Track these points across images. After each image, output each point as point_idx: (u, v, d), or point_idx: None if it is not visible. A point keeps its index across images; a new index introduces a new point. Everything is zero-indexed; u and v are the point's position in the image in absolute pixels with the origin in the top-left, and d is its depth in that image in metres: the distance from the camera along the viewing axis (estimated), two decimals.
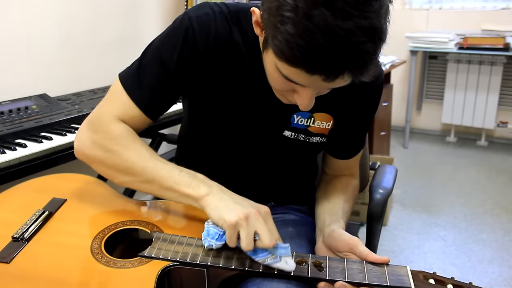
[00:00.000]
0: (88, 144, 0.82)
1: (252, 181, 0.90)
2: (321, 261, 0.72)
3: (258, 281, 0.72)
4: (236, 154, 0.90)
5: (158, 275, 0.69)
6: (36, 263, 0.71)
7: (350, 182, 0.97)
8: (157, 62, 0.81)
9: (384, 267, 0.71)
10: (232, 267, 0.70)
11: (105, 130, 0.81)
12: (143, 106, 0.82)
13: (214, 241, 0.71)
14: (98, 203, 0.87)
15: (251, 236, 0.68)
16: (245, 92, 0.83)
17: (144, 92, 0.82)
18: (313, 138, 0.88)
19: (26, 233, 0.77)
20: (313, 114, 0.85)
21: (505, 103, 3.33)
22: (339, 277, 0.69)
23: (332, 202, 0.90)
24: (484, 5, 3.31)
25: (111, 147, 0.79)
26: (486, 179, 2.82)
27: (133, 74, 0.84)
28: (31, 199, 0.87)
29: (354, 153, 0.97)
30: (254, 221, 0.69)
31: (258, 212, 0.70)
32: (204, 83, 0.83)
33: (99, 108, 0.85)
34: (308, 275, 0.70)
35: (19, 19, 1.51)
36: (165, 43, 0.81)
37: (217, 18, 0.80)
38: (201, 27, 0.79)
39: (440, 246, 2.08)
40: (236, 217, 0.68)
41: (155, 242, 0.75)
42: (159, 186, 0.76)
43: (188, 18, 0.80)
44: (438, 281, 0.69)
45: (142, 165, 0.77)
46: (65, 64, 1.69)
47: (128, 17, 1.94)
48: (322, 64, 0.57)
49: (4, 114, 1.33)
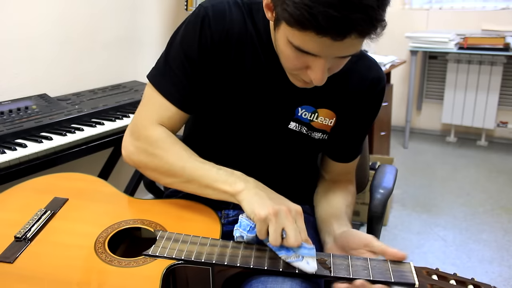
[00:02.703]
0: (133, 151, 0.86)
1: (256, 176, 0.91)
2: (325, 259, 0.73)
3: (263, 279, 0.73)
4: (241, 147, 0.91)
5: (163, 273, 0.69)
6: (40, 262, 0.71)
7: (348, 187, 0.98)
8: (181, 55, 0.83)
9: (388, 263, 0.71)
10: (238, 265, 0.71)
11: (145, 136, 0.84)
12: (177, 101, 0.85)
13: (245, 232, 0.73)
14: (100, 202, 0.87)
15: (279, 232, 0.70)
16: (255, 82, 0.85)
17: (175, 87, 0.84)
18: (315, 133, 0.89)
19: (28, 232, 0.77)
20: (317, 109, 0.87)
21: (505, 103, 3.33)
22: (344, 274, 0.69)
23: (335, 207, 0.92)
24: (484, 5, 3.31)
25: (153, 151, 0.83)
26: (486, 179, 2.82)
27: (161, 73, 0.86)
28: (32, 198, 0.87)
29: (352, 156, 0.98)
30: (283, 218, 0.71)
31: (288, 210, 0.72)
32: (218, 71, 0.85)
33: (137, 114, 0.88)
34: (313, 272, 0.70)
35: (19, 19, 1.51)
36: (184, 36, 0.83)
37: (232, 7, 0.83)
38: (216, 15, 0.82)
39: (440, 246, 2.08)
40: (266, 212, 0.70)
41: (159, 241, 0.75)
42: (198, 185, 0.80)
43: (204, 9, 0.82)
44: (441, 277, 0.69)
45: (182, 166, 0.81)
46: (65, 64, 1.70)
47: (128, 17, 1.94)
48: (329, 21, 0.60)
49: (4, 114, 1.33)
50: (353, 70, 0.85)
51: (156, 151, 0.83)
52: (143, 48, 2.01)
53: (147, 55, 2.05)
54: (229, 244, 0.75)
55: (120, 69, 1.92)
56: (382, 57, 2.62)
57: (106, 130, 1.34)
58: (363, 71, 0.88)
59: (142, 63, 2.03)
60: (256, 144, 0.91)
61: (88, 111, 1.44)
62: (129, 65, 1.96)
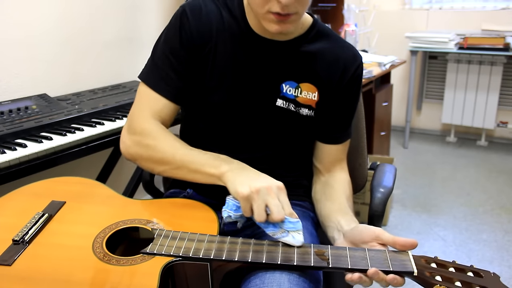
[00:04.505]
0: (129, 144, 0.92)
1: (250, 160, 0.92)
2: (323, 250, 0.73)
3: (261, 273, 0.73)
4: (232, 130, 0.95)
5: (161, 270, 0.69)
6: (39, 264, 0.71)
7: (343, 177, 1.00)
8: (165, 52, 0.92)
9: (386, 252, 0.72)
10: (235, 260, 0.71)
11: (140, 129, 0.90)
12: (166, 93, 0.92)
13: (232, 212, 0.76)
14: (97, 204, 0.88)
15: (262, 208, 0.73)
16: (238, 65, 0.91)
17: (163, 80, 0.91)
18: (303, 110, 0.94)
19: (26, 235, 0.77)
20: (299, 84, 0.93)
21: (505, 103, 3.33)
22: (342, 264, 0.70)
23: (337, 202, 0.93)
24: (484, 5, 3.31)
25: (147, 142, 0.89)
26: (486, 179, 2.82)
27: (150, 70, 0.94)
28: (30, 203, 0.87)
29: (341, 137, 1.00)
30: (264, 195, 0.73)
31: (270, 187, 0.74)
32: (203, 61, 0.91)
33: (132, 111, 0.94)
34: (311, 264, 0.70)
35: (19, 19, 1.51)
36: (167, 34, 0.93)
37: (207, 3, 0.92)
38: (193, 10, 0.91)
39: (440, 246, 2.08)
40: (248, 190, 0.73)
41: (156, 239, 0.76)
42: (188, 170, 0.85)
43: (181, 8, 0.92)
44: (440, 265, 0.69)
45: (172, 153, 0.86)
46: (65, 64, 1.70)
47: (128, 17, 1.94)
48: None
49: (4, 114, 1.33)
50: (328, 50, 0.94)
51: (150, 142, 0.88)
52: (143, 48, 2.01)
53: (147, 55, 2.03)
54: (226, 239, 0.75)
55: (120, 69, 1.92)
56: (382, 57, 2.62)
57: (106, 130, 1.34)
58: (337, 50, 0.95)
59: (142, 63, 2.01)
60: (247, 125, 0.94)
61: (88, 111, 1.44)
62: (129, 65, 1.96)
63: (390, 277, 0.68)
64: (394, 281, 0.68)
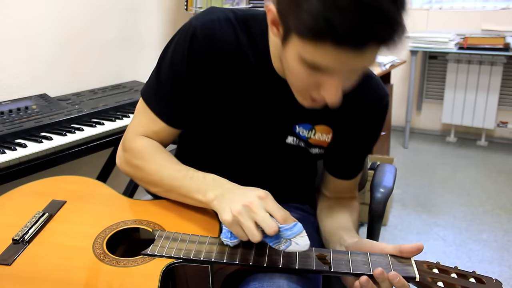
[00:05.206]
0: (122, 161, 0.89)
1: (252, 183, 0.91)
2: (325, 254, 0.72)
3: (260, 276, 0.73)
4: (237, 160, 0.90)
5: (162, 272, 0.69)
6: (39, 264, 0.71)
7: (352, 203, 0.96)
8: (170, 75, 0.83)
9: (388, 257, 0.71)
10: (236, 263, 0.70)
11: (130, 148, 0.87)
12: (166, 118, 0.86)
13: (229, 240, 0.72)
14: (98, 204, 0.87)
15: (251, 228, 0.67)
16: (250, 100, 0.83)
17: (165, 105, 0.85)
18: (313, 149, 0.88)
19: (26, 235, 0.76)
20: (314, 126, 0.86)
21: (505, 103, 3.33)
22: (344, 269, 0.69)
23: (341, 221, 0.89)
24: (484, 5, 3.31)
25: (136, 162, 0.86)
26: (486, 179, 2.82)
27: (152, 89, 0.86)
28: (30, 202, 0.86)
29: (353, 174, 0.95)
30: (248, 213, 0.68)
31: (250, 202, 0.68)
32: (210, 90, 0.83)
33: (128, 126, 0.90)
34: (313, 268, 0.70)
35: (19, 19, 1.51)
36: (174, 57, 0.82)
37: (223, 25, 0.79)
38: (205, 35, 0.79)
39: (440, 246, 2.08)
40: (231, 215, 0.68)
41: (157, 240, 0.75)
42: (177, 194, 0.81)
43: (193, 28, 0.79)
44: (442, 270, 0.69)
45: (160, 177, 0.82)
46: (65, 64, 1.70)
47: (128, 17, 1.94)
48: (348, 29, 0.56)
49: (4, 114, 1.33)
50: (350, 90, 0.75)
51: (138, 162, 0.85)
52: (143, 48, 2.01)
53: (147, 55, 2.05)
54: None
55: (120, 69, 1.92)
56: (382, 57, 2.61)
57: (106, 130, 1.34)
58: (364, 87, 0.83)
59: (142, 63, 2.03)
60: (252, 158, 0.90)
61: (88, 111, 1.44)
62: (129, 65, 1.96)
63: (392, 274, 0.66)
64: (396, 278, 0.66)
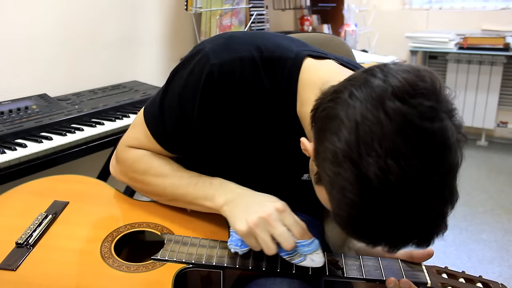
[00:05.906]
0: (117, 171, 0.87)
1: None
2: (337, 259, 0.71)
3: (262, 280, 0.71)
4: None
5: (174, 278, 0.67)
6: (45, 269, 0.68)
7: None
8: (178, 108, 0.75)
9: (399, 262, 0.71)
10: (250, 268, 0.69)
11: (122, 160, 0.84)
12: (165, 145, 0.80)
13: (238, 248, 0.70)
14: (102, 205, 0.85)
15: (267, 241, 0.66)
16: (267, 140, 0.79)
17: (166, 135, 0.79)
18: None
19: (30, 238, 0.73)
20: None
21: (505, 103, 3.33)
22: (356, 274, 0.69)
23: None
24: (484, 5, 3.31)
25: (131, 175, 0.83)
26: (486, 179, 2.82)
27: (155, 115, 0.79)
28: (31, 202, 0.84)
29: None
30: (266, 226, 0.66)
31: (269, 215, 0.66)
32: (224, 129, 0.77)
33: (123, 137, 0.87)
34: (326, 273, 0.69)
35: (19, 19, 1.51)
36: (185, 89, 0.73)
37: (245, 67, 0.70)
38: (223, 78, 0.70)
39: (440, 246, 2.08)
40: (246, 227, 0.66)
41: (167, 245, 0.73)
42: (183, 202, 0.79)
43: (210, 66, 0.70)
44: (450, 275, 0.70)
45: (162, 187, 0.79)
46: (65, 64, 1.69)
47: (128, 17, 1.94)
48: (387, 237, 0.52)
49: (4, 114, 1.33)
50: None
51: (134, 175, 0.82)
52: (143, 48, 2.01)
53: (147, 55, 2.05)
54: None
55: (120, 69, 1.92)
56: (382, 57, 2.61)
57: (106, 130, 1.34)
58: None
59: (142, 63, 2.03)
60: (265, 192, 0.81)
61: (88, 111, 1.44)
62: (129, 65, 1.96)
63: (404, 281, 0.66)
64: (407, 286, 0.66)
